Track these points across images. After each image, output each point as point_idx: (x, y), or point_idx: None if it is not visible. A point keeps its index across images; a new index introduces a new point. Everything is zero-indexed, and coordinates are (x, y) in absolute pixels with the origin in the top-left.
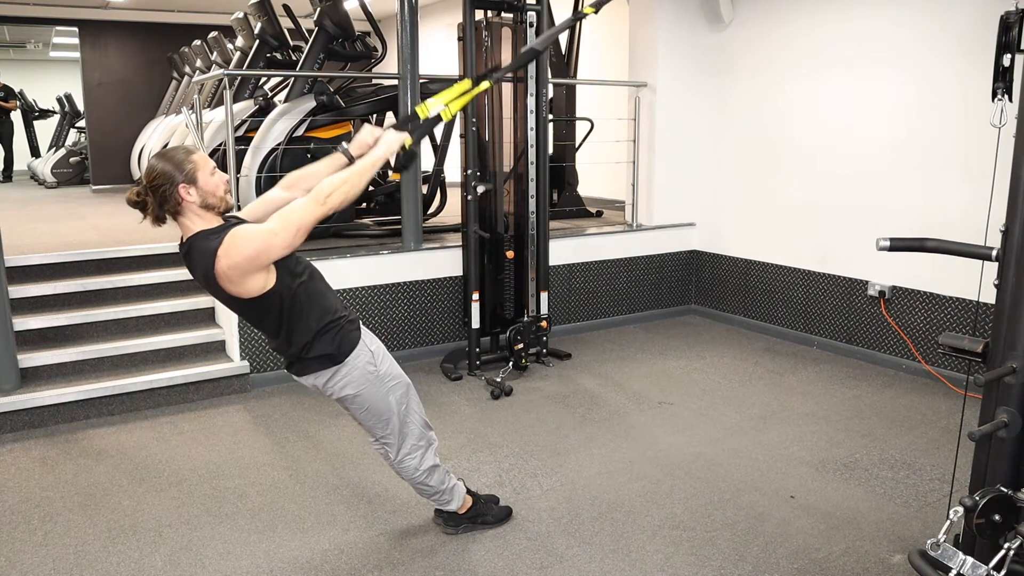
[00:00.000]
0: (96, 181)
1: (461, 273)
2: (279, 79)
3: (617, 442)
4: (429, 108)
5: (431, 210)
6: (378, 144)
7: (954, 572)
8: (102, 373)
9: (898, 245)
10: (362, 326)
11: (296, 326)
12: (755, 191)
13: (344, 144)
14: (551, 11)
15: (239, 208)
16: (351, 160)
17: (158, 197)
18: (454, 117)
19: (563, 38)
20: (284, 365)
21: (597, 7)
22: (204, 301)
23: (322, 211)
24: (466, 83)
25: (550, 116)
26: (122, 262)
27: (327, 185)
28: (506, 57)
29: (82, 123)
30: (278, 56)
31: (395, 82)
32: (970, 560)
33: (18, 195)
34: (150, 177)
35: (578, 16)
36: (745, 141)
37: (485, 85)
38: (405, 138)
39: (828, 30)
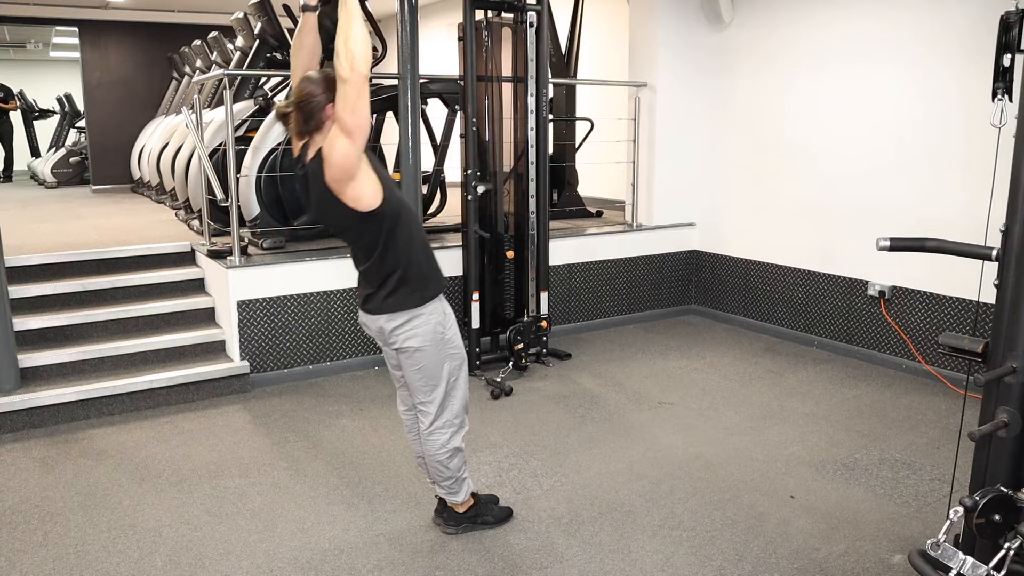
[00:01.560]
0: (96, 181)
1: (461, 273)
2: (279, 79)
3: (617, 442)
4: None
5: (431, 210)
6: None
7: (954, 572)
8: (102, 373)
9: (898, 245)
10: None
11: (389, 252)
12: (755, 191)
13: (302, 1)
14: (551, 11)
15: (239, 209)
16: (315, 8)
17: (305, 113)
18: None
19: (563, 38)
20: (359, 302)
21: None
22: (204, 301)
23: (355, 81)
24: None
25: (550, 116)
26: (122, 262)
27: (338, 61)
28: (506, 57)
29: (82, 123)
30: (278, 56)
31: (395, 82)
32: (970, 560)
33: (18, 195)
34: (301, 94)
35: None
36: (745, 141)
37: None
38: None
39: (828, 30)
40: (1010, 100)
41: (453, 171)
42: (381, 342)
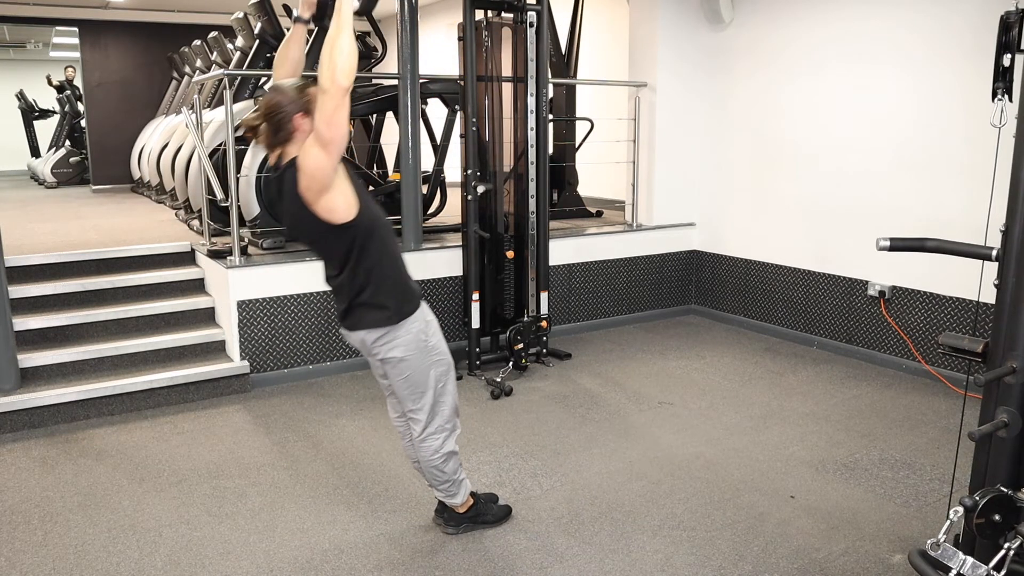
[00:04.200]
0: (96, 181)
1: (461, 273)
2: None
3: (617, 442)
4: None
5: (431, 210)
6: None
7: (954, 572)
8: (102, 373)
9: (898, 245)
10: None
11: (362, 264)
12: (755, 191)
13: (296, 13)
14: (551, 11)
15: (238, 210)
16: (307, 21)
17: (273, 125)
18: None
19: (563, 38)
20: (338, 317)
21: None
22: (204, 301)
23: (334, 93)
24: None
25: (550, 116)
26: (122, 262)
27: (322, 71)
28: (506, 57)
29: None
30: None
31: (395, 82)
32: (970, 560)
33: (18, 195)
34: (268, 107)
35: None
36: (745, 141)
37: None
38: None
39: (828, 30)
40: (1010, 100)
41: (453, 171)
42: (365, 353)
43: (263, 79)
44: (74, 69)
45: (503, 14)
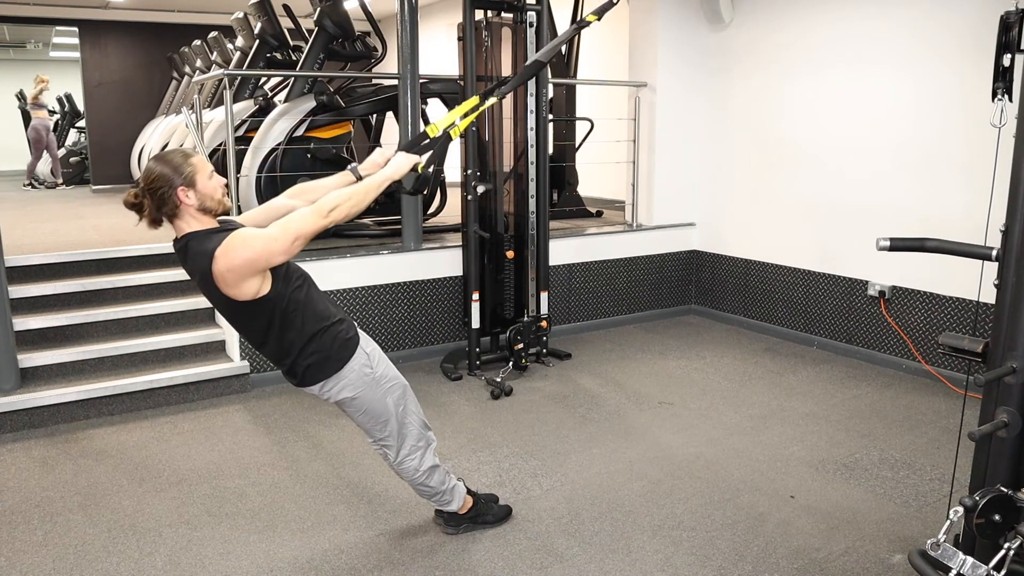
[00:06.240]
0: (96, 181)
1: (461, 273)
2: (279, 79)
3: (617, 442)
4: (438, 128)
5: (431, 210)
6: (388, 164)
7: (954, 572)
8: (102, 373)
9: (898, 245)
10: (358, 328)
11: (287, 333)
12: (755, 191)
13: (355, 164)
14: (551, 11)
15: (239, 210)
16: (359, 179)
17: (156, 200)
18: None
19: None
20: (283, 373)
21: (599, 14)
22: (204, 301)
23: (323, 223)
24: (474, 100)
25: (550, 116)
26: (122, 262)
27: (332, 199)
28: (506, 57)
29: (82, 123)
30: (278, 56)
31: (395, 82)
32: (970, 560)
33: (18, 195)
34: (148, 180)
35: (580, 25)
36: (745, 141)
37: (492, 101)
38: (416, 160)
39: (828, 30)
40: (1010, 100)
41: (453, 171)
42: (318, 399)
43: (263, 79)
44: None
45: (503, 14)
